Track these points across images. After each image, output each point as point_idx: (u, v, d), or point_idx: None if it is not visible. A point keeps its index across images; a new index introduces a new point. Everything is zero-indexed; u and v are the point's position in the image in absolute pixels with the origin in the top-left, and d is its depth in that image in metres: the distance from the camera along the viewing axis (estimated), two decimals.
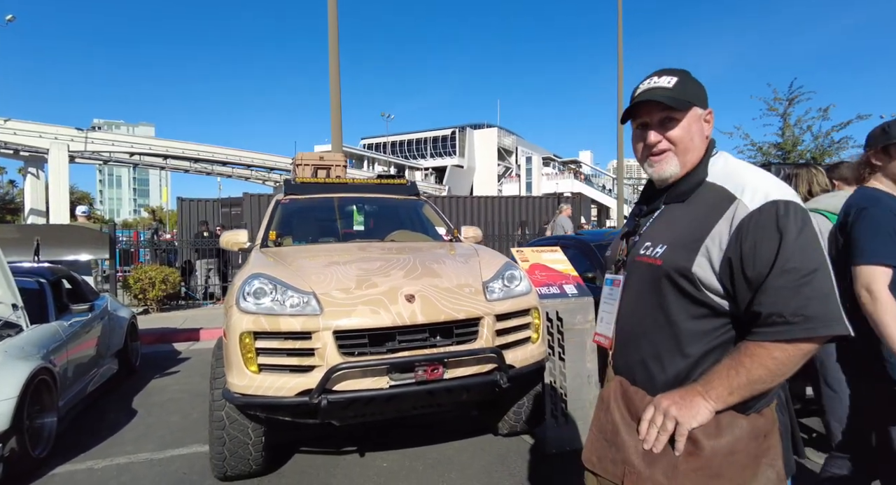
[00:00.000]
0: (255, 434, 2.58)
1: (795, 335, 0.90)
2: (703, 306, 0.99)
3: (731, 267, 0.96)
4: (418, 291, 2.55)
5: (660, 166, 1.10)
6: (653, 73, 1.12)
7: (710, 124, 1.12)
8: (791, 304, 0.90)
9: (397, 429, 3.39)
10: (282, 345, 2.38)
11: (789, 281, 0.91)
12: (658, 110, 1.08)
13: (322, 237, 3.86)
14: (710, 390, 0.95)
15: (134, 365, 4.91)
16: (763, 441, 0.97)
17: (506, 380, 2.55)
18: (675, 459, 0.97)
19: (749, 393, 0.94)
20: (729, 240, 0.96)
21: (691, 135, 1.08)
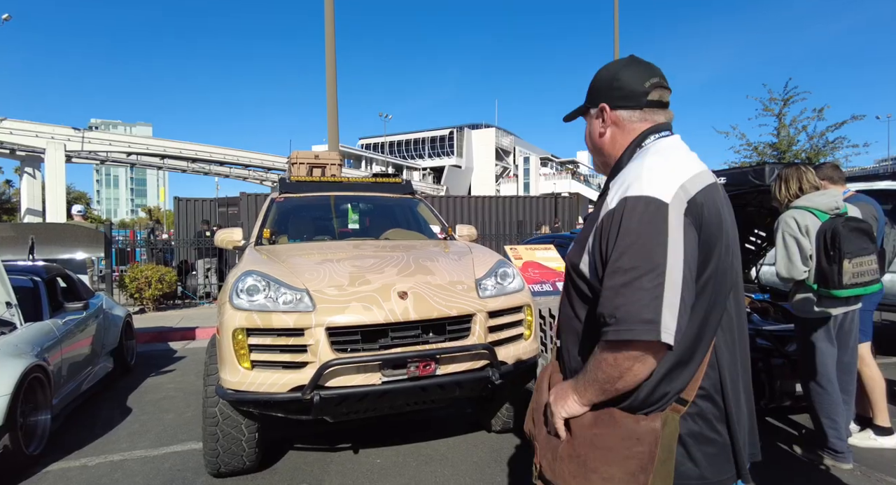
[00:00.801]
0: (248, 431, 2.59)
1: (608, 337, 0.88)
2: (594, 302, 0.96)
3: (596, 265, 0.96)
4: (411, 288, 2.57)
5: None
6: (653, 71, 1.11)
7: (604, 119, 1.08)
8: (609, 305, 0.88)
9: (391, 425, 3.40)
10: (274, 341, 2.39)
11: (615, 281, 0.88)
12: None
13: (317, 235, 3.88)
14: (577, 384, 0.96)
15: (129, 363, 4.91)
16: (636, 444, 0.90)
17: (498, 376, 2.57)
18: (559, 443, 1.00)
19: (603, 392, 0.92)
20: (593, 238, 0.98)
21: (593, 136, 1.11)
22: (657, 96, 1.05)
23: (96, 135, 31.36)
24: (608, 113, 1.07)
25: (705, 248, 0.93)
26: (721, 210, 0.98)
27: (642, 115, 1.05)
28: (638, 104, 1.05)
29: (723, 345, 0.97)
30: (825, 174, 3.15)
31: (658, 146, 1.03)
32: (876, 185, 4.98)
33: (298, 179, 4.29)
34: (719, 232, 0.96)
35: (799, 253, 2.56)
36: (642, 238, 0.88)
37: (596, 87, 1.10)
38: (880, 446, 2.87)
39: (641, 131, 1.05)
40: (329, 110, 8.55)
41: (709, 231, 0.93)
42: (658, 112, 1.06)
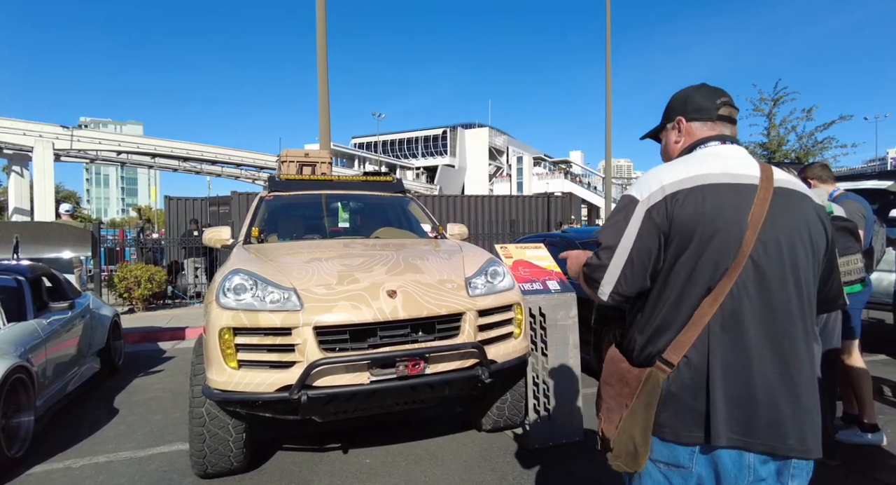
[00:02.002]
0: (235, 431, 2.56)
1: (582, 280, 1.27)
2: None
3: None
4: (400, 286, 2.55)
5: None
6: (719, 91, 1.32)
7: (680, 130, 1.28)
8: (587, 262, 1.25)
9: (381, 425, 3.39)
10: (261, 341, 2.36)
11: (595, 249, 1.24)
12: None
13: (306, 234, 3.85)
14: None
15: (117, 364, 4.85)
16: (624, 385, 1.16)
17: (487, 375, 2.56)
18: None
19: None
20: None
21: (665, 146, 1.34)
22: (727, 112, 1.24)
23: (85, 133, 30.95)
24: (683, 124, 1.27)
25: (683, 235, 1.10)
26: (704, 207, 1.10)
27: (713, 126, 1.24)
28: (709, 117, 1.24)
29: (718, 327, 1.07)
30: (814, 173, 3.17)
31: (700, 151, 1.22)
32: (863, 184, 5.04)
33: (288, 178, 4.26)
34: (696, 224, 1.09)
35: None
36: (610, 224, 1.19)
37: (672, 106, 1.31)
38: (867, 442, 2.90)
39: (700, 137, 1.24)
40: (321, 109, 8.50)
41: (680, 222, 1.10)
42: (725, 126, 1.24)
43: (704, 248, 1.09)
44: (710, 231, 1.08)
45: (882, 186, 4.87)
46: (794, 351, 1.09)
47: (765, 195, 1.10)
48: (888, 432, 3.02)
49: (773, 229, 1.09)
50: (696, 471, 1.10)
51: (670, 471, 1.12)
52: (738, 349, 1.07)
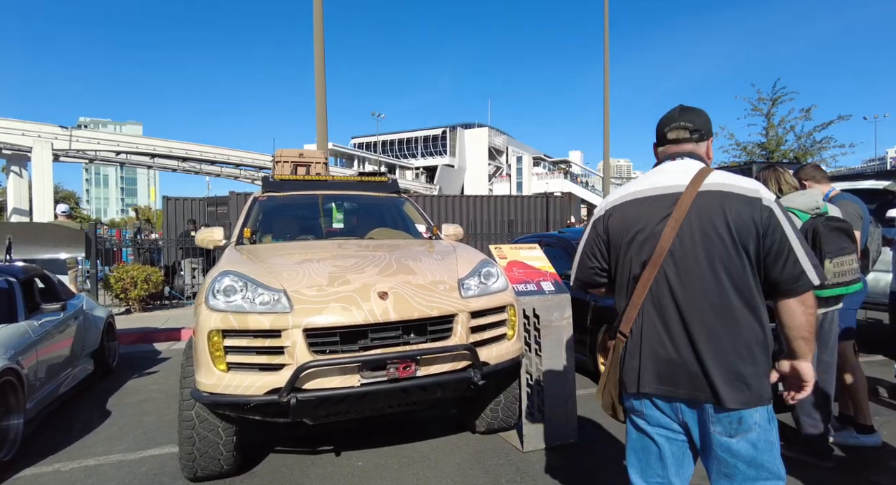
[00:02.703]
0: (225, 434, 2.54)
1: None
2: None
3: None
4: (392, 288, 2.53)
5: None
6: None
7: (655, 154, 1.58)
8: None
9: (374, 427, 3.37)
10: (251, 343, 2.34)
11: None
12: None
13: (300, 235, 3.83)
14: None
15: (111, 365, 4.82)
16: (607, 355, 1.51)
17: (479, 377, 2.54)
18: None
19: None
20: None
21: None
22: (672, 135, 1.51)
23: (84, 133, 30.93)
24: (656, 150, 1.57)
25: (615, 240, 1.48)
26: (627, 216, 1.46)
27: (664, 149, 1.53)
28: (662, 142, 1.53)
29: (649, 305, 1.39)
30: (808, 174, 3.15)
31: (649, 171, 1.55)
32: (860, 184, 5.02)
33: (282, 178, 4.23)
34: (620, 230, 1.46)
35: None
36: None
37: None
38: (862, 444, 2.88)
39: (658, 159, 1.55)
40: (318, 108, 8.48)
41: (614, 230, 1.48)
42: (677, 145, 1.50)
43: (629, 247, 1.43)
44: (631, 234, 1.43)
45: (880, 185, 4.85)
46: (719, 320, 1.32)
47: (686, 200, 1.37)
48: (884, 434, 3.00)
49: (689, 227, 1.35)
50: (648, 414, 1.42)
51: (634, 417, 1.47)
52: (662, 322, 1.38)
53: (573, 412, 3.13)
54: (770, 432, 1.33)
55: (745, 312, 1.32)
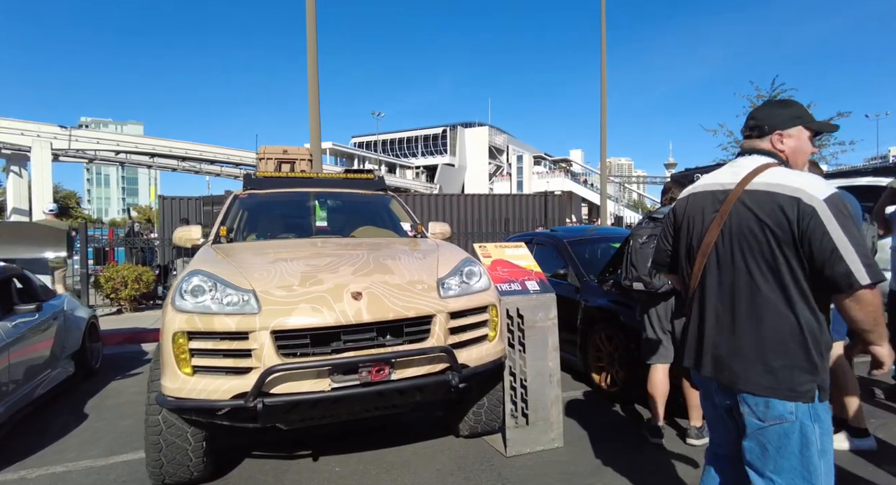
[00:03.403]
0: (194, 439, 2.45)
1: None
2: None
3: None
4: (366, 288, 2.44)
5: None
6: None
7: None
8: None
9: (354, 431, 3.27)
10: (217, 346, 2.25)
11: None
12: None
13: (282, 233, 3.73)
14: None
15: (93, 367, 4.74)
16: None
17: (458, 380, 2.45)
18: None
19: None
20: None
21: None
22: (745, 131, 1.61)
23: (84, 133, 30.92)
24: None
25: (678, 227, 1.67)
26: (685, 209, 1.63)
27: (741, 143, 1.64)
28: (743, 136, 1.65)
29: (698, 294, 1.57)
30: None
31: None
32: (858, 181, 4.91)
33: (264, 175, 4.14)
34: (680, 220, 1.65)
35: None
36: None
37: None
38: (856, 448, 2.78)
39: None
40: (311, 104, 8.37)
41: (679, 219, 1.66)
42: (747, 141, 1.60)
43: (687, 236, 1.61)
44: (689, 224, 1.60)
45: (879, 182, 4.73)
46: (748, 314, 1.43)
47: (731, 198, 1.48)
48: (880, 436, 2.90)
49: (729, 224, 1.48)
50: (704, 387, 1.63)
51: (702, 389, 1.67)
52: (703, 310, 1.54)
53: (559, 416, 3.04)
54: (810, 435, 1.37)
55: (782, 307, 1.39)
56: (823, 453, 1.38)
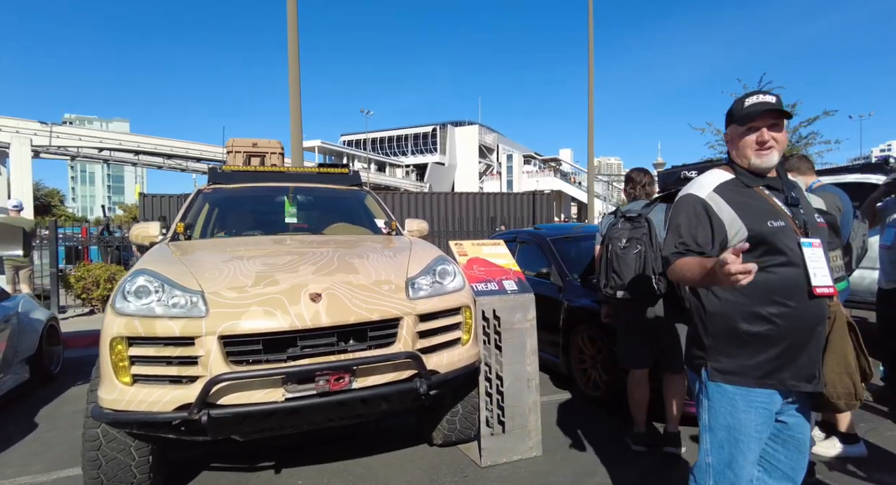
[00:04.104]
0: (139, 454, 2.25)
1: None
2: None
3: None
4: (326, 289, 2.25)
5: (768, 158, 1.49)
6: (755, 92, 1.52)
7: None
8: None
9: (322, 440, 3.08)
10: (159, 352, 2.05)
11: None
12: (770, 117, 1.48)
13: (247, 230, 3.53)
14: None
15: (52, 371, 4.49)
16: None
17: (426, 388, 2.28)
18: None
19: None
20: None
21: (786, 138, 1.53)
22: None
23: (65, 130, 30.21)
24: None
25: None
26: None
27: None
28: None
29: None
30: (792, 165, 2.98)
31: None
32: (845, 178, 4.83)
33: (231, 169, 3.93)
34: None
35: None
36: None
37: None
38: (846, 455, 2.66)
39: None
40: (292, 99, 8.15)
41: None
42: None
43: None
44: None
45: (867, 179, 4.65)
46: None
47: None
48: (871, 440, 2.79)
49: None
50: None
51: None
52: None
53: (537, 423, 2.88)
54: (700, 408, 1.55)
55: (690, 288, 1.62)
56: (709, 429, 1.51)
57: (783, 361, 1.43)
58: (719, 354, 1.47)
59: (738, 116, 1.51)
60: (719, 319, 1.47)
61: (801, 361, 1.43)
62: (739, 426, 1.44)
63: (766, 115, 1.47)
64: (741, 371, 1.44)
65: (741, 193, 1.50)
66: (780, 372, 1.43)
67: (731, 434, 1.45)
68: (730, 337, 1.46)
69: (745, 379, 1.44)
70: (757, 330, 1.42)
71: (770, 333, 1.42)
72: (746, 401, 1.44)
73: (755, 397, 1.44)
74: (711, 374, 1.48)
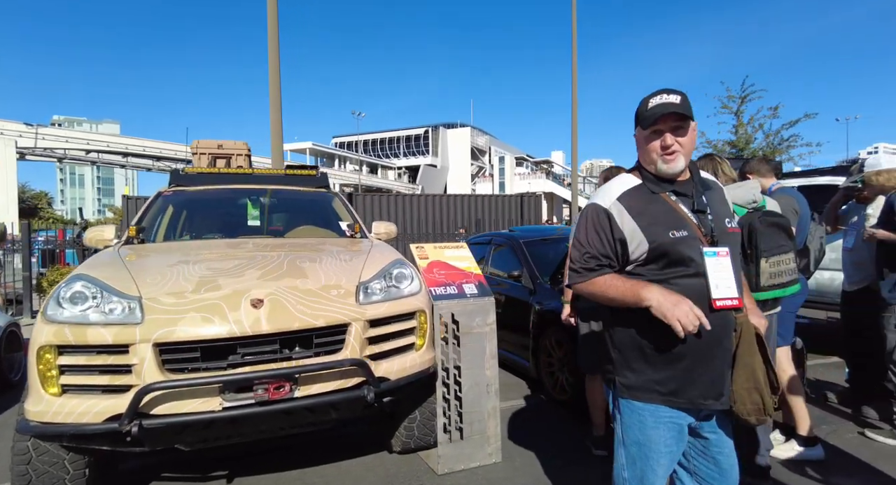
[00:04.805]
0: (74, 467, 2.17)
1: None
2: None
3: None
4: (270, 294, 2.19)
5: (674, 163, 1.41)
6: (660, 91, 1.41)
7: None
8: None
9: (279, 447, 3.01)
10: (91, 361, 1.98)
11: None
12: (672, 120, 1.38)
13: (207, 233, 3.46)
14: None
15: (11, 379, 4.37)
16: None
17: (373, 395, 2.22)
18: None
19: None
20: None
21: (693, 141, 1.44)
22: None
23: (51, 131, 29.88)
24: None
25: None
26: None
27: None
28: None
29: None
30: (752, 167, 2.97)
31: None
32: (817, 180, 4.85)
33: (193, 171, 3.86)
34: None
35: None
36: None
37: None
38: (804, 458, 2.64)
39: None
40: (272, 102, 8.07)
41: None
42: None
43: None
44: None
45: (837, 181, 4.67)
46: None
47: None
48: (832, 442, 2.77)
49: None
50: None
51: None
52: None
53: (496, 428, 2.83)
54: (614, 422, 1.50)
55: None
56: (622, 444, 1.47)
57: (690, 377, 1.36)
58: (626, 370, 1.42)
59: (641, 118, 1.41)
60: (623, 333, 1.41)
61: (707, 377, 1.37)
62: (649, 442, 1.40)
63: (667, 118, 1.37)
64: (647, 387, 1.39)
65: (646, 201, 1.41)
66: (688, 389, 1.36)
67: (642, 450, 1.41)
68: (634, 352, 1.40)
69: (652, 396, 1.38)
70: (663, 345, 1.35)
71: (672, 348, 1.34)
72: (655, 417, 1.39)
73: (663, 413, 1.39)
74: (620, 389, 1.43)
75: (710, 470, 1.46)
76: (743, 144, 11.21)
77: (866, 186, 3.02)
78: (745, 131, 11.24)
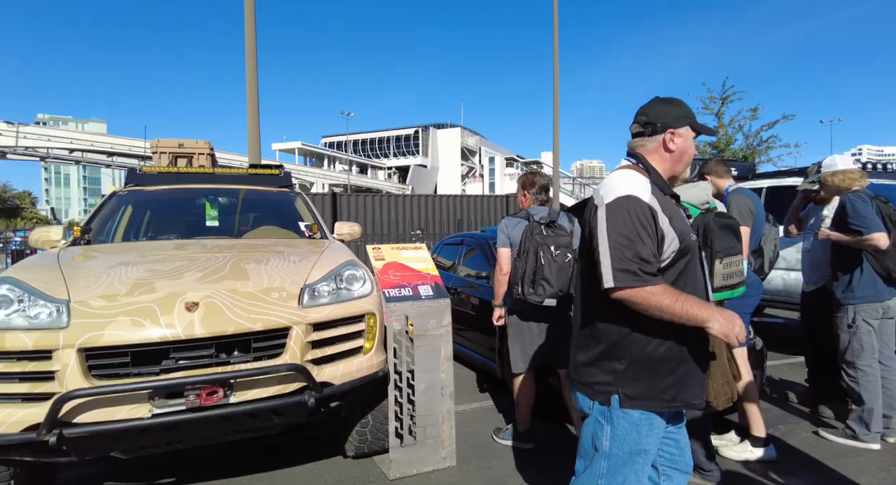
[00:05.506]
0: None
1: None
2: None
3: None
4: (206, 297, 2.13)
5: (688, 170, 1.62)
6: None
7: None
8: None
9: (230, 451, 2.94)
10: (9, 368, 1.90)
11: None
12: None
13: (162, 235, 3.37)
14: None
15: None
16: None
17: (314, 400, 2.17)
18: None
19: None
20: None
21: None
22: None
23: (33, 130, 29.36)
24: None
25: None
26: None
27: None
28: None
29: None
30: (709, 168, 2.98)
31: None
32: (785, 181, 4.87)
33: (151, 170, 3.77)
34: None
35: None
36: None
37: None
38: (756, 457, 2.63)
39: None
40: (249, 102, 7.96)
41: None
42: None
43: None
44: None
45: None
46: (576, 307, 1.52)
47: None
48: (789, 441, 2.77)
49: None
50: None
51: None
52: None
53: (451, 432, 2.79)
54: (599, 433, 1.38)
55: (588, 305, 1.42)
56: (606, 455, 1.39)
57: (687, 380, 1.37)
58: (633, 381, 1.35)
59: (695, 122, 1.48)
60: (642, 344, 1.34)
61: (698, 379, 1.39)
62: (641, 450, 1.38)
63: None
64: (652, 396, 1.35)
65: (664, 200, 1.38)
66: (684, 392, 1.36)
67: (633, 458, 1.38)
68: (647, 362, 1.35)
69: (655, 403, 1.35)
70: (670, 353, 1.35)
71: (681, 354, 1.36)
72: (650, 425, 1.38)
73: (655, 420, 1.37)
74: (623, 400, 1.35)
75: (671, 448, 1.48)
76: (723, 145, 11.29)
77: (823, 186, 3.03)
78: (726, 132, 11.33)
